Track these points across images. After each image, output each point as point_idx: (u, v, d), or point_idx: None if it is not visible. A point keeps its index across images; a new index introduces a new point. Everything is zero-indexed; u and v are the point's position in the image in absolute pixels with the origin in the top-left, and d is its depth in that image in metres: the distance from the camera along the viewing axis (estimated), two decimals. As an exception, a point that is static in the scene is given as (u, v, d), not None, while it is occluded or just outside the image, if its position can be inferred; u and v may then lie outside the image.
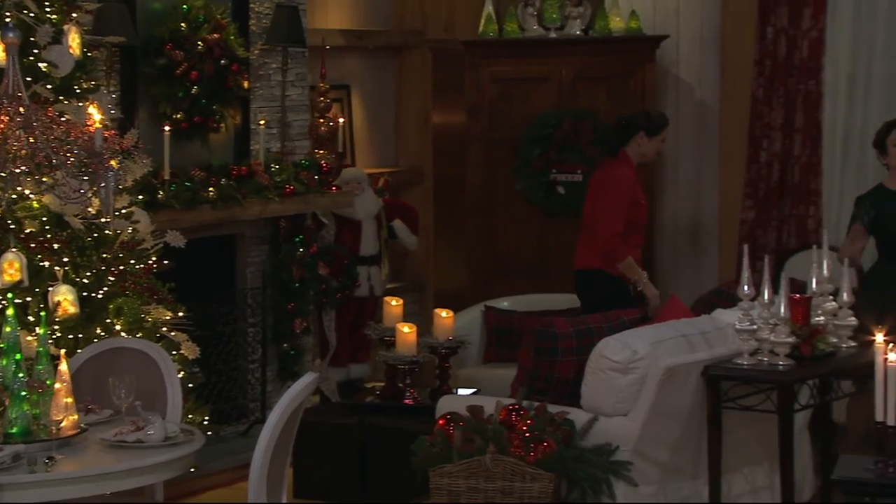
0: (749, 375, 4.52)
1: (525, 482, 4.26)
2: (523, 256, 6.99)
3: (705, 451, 4.59)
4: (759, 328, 4.54)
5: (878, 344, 3.14)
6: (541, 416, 4.43)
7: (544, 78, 6.94)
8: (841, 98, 6.66)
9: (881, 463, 3.08)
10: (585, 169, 6.82)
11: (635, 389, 4.49)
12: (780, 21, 6.69)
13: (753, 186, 6.80)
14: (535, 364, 4.75)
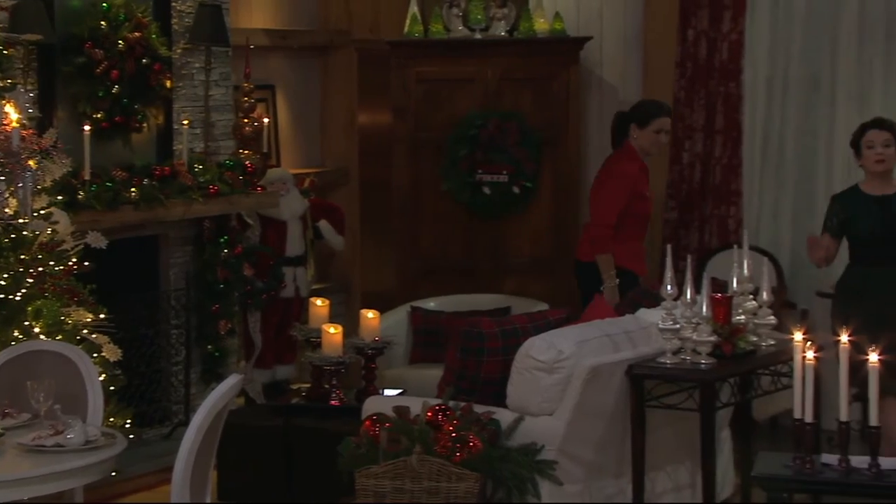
0: (672, 374, 4.56)
1: (451, 482, 4.27)
2: (450, 257, 7.00)
3: (629, 450, 4.63)
4: (682, 327, 4.59)
5: (796, 342, 3.19)
6: (467, 416, 4.44)
7: (470, 79, 6.95)
8: (760, 100, 6.76)
9: (799, 459, 3.13)
10: (511, 169, 6.85)
11: (560, 389, 4.52)
12: (700, 24, 6.78)
13: (676, 187, 6.87)
14: (462, 364, 4.76)
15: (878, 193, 5.05)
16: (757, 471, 3.21)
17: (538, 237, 6.96)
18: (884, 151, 5.00)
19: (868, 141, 5.07)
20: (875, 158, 5.01)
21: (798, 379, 3.15)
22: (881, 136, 5.04)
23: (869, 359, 3.11)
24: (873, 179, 5.07)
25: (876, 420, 3.14)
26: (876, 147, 5.01)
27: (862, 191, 5.11)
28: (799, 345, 3.18)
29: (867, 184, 5.12)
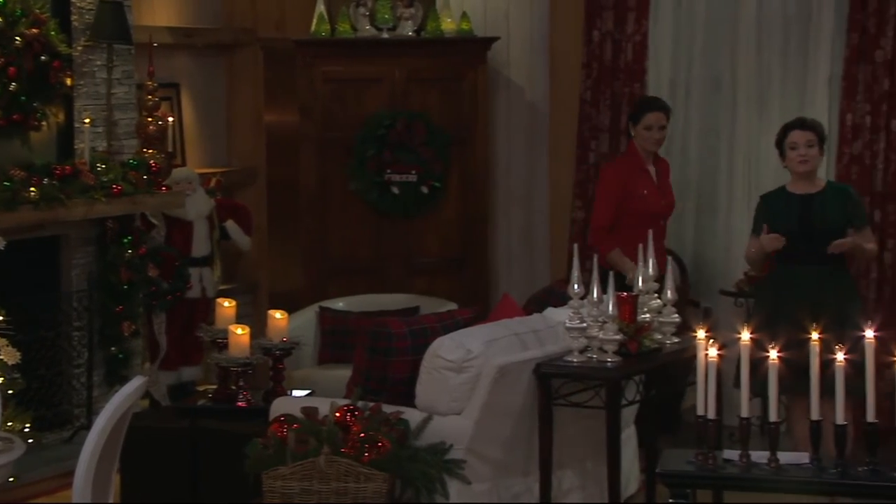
0: (578, 372, 4.60)
1: (359, 483, 4.26)
2: (358, 257, 6.97)
3: (537, 448, 4.66)
4: (589, 326, 4.63)
5: (699, 340, 3.24)
6: (375, 416, 4.43)
7: (377, 78, 6.94)
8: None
9: (701, 455, 3.18)
10: (419, 169, 6.85)
11: (469, 388, 4.54)
12: (605, 25, 6.85)
13: (582, 187, 6.93)
14: (370, 364, 4.75)
15: (802, 192, 5.02)
16: (661, 467, 3.25)
17: (447, 237, 6.96)
18: (807, 152, 4.98)
19: (791, 142, 5.03)
20: (798, 159, 4.98)
21: (701, 376, 3.20)
22: (804, 137, 5.02)
23: (769, 356, 3.17)
24: (798, 179, 5.04)
25: (775, 416, 3.20)
26: (799, 148, 4.99)
27: (788, 191, 5.09)
28: (702, 342, 3.23)
29: (792, 184, 5.09)
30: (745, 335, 3.22)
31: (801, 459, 3.18)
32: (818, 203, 4.97)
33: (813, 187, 5.03)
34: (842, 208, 4.96)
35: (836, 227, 4.92)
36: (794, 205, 4.99)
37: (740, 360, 3.49)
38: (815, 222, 4.94)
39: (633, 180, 5.64)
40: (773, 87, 6.59)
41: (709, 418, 3.18)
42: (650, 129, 5.64)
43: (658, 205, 5.71)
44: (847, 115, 6.31)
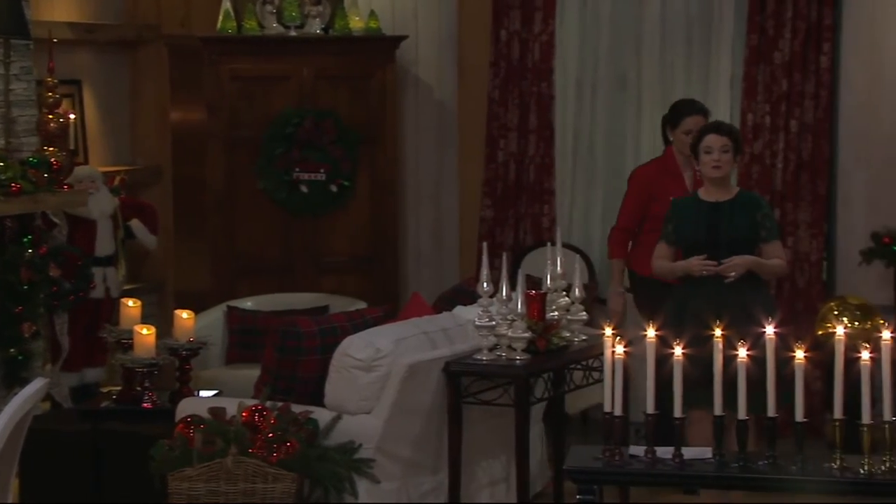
0: (487, 370, 4.63)
1: (267, 483, 4.23)
2: (267, 256, 6.90)
3: (446, 446, 4.67)
4: (498, 324, 4.66)
5: (606, 337, 3.28)
6: (284, 416, 4.41)
7: (285, 76, 6.88)
8: (570, 100, 6.91)
9: (608, 452, 3.21)
10: (328, 168, 6.81)
11: (378, 387, 4.53)
12: (512, 24, 6.89)
13: (491, 185, 6.96)
14: (279, 364, 4.72)
15: (713, 199, 4.83)
16: (568, 464, 3.28)
17: (356, 235, 6.93)
18: (721, 157, 4.78)
19: (706, 146, 4.82)
20: (712, 164, 4.78)
21: (608, 373, 3.24)
22: (719, 142, 4.81)
23: (674, 353, 3.22)
24: (710, 185, 4.85)
25: (679, 412, 3.25)
26: (713, 153, 4.79)
27: (699, 196, 4.91)
28: (609, 340, 3.27)
29: (705, 190, 4.90)
30: (650, 332, 3.26)
31: (704, 454, 3.24)
32: (727, 212, 4.80)
33: (724, 195, 4.85)
34: (751, 219, 4.79)
35: (743, 238, 4.76)
36: (703, 212, 4.82)
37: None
38: (722, 232, 4.76)
39: (661, 184, 5.39)
40: (677, 87, 6.69)
41: (615, 415, 3.22)
42: (690, 133, 5.23)
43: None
44: (748, 114, 6.43)
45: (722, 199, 4.83)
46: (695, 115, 5.40)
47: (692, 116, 5.39)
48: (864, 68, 6.35)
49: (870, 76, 6.35)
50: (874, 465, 3.09)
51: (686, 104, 5.64)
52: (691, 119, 5.37)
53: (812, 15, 6.36)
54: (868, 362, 3.12)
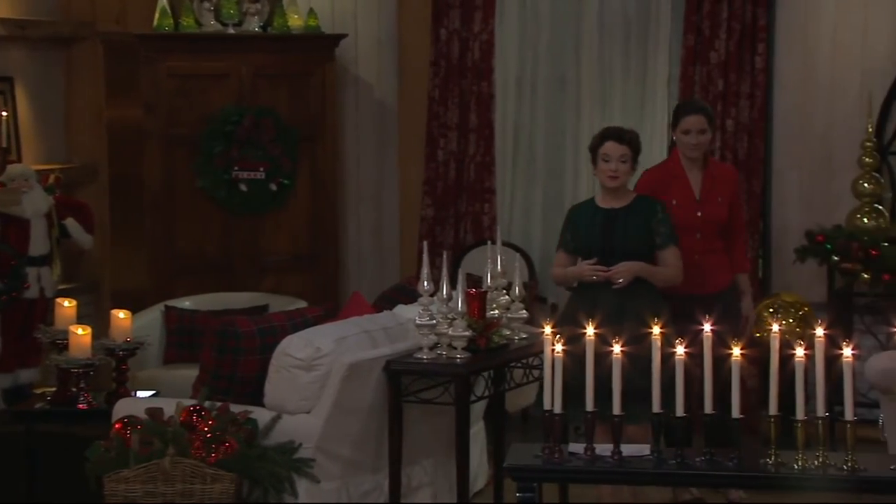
0: (428, 369, 4.62)
1: (206, 483, 4.20)
2: (206, 255, 6.84)
3: (387, 445, 4.66)
4: (438, 323, 4.65)
5: (546, 335, 3.29)
6: (223, 416, 4.38)
7: (224, 74, 6.83)
8: (510, 99, 6.95)
9: (547, 449, 3.22)
10: (268, 166, 6.77)
11: (318, 386, 4.51)
12: (452, 23, 6.90)
13: (432, 184, 6.97)
14: (218, 363, 4.68)
15: (608, 206, 4.77)
16: (508, 462, 3.29)
17: (296, 234, 6.90)
18: (619, 167, 4.71)
19: (605, 153, 4.74)
20: (609, 173, 4.71)
21: (547, 371, 3.25)
22: (618, 150, 4.73)
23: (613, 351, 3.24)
24: (607, 193, 4.78)
25: (618, 410, 3.27)
26: (612, 161, 4.71)
27: (595, 203, 4.83)
28: (548, 338, 3.28)
29: (601, 196, 4.82)
30: (589, 330, 3.28)
31: (642, 451, 3.26)
32: (621, 219, 4.73)
33: (620, 201, 4.77)
34: (645, 225, 4.72)
35: (637, 245, 4.69)
36: (598, 219, 4.75)
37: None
38: (617, 239, 4.70)
39: (663, 188, 5.06)
40: (616, 86, 6.75)
41: (555, 413, 3.23)
42: (688, 133, 5.05)
43: (688, 216, 5.03)
44: (685, 114, 6.49)
45: (617, 205, 4.75)
46: (693, 114, 5.11)
47: (690, 116, 5.10)
48: (797, 69, 6.45)
49: (803, 77, 6.45)
50: (807, 460, 3.13)
51: (686, 103, 5.48)
52: (689, 118, 5.08)
53: (747, 16, 6.44)
54: (802, 359, 3.16)
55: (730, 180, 5.16)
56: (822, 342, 3.21)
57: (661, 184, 5.07)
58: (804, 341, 3.22)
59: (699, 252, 4.97)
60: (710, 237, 5.05)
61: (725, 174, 5.19)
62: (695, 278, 4.71)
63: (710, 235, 5.05)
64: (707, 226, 5.03)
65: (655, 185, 5.05)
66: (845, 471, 3.12)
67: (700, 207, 5.04)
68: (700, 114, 5.08)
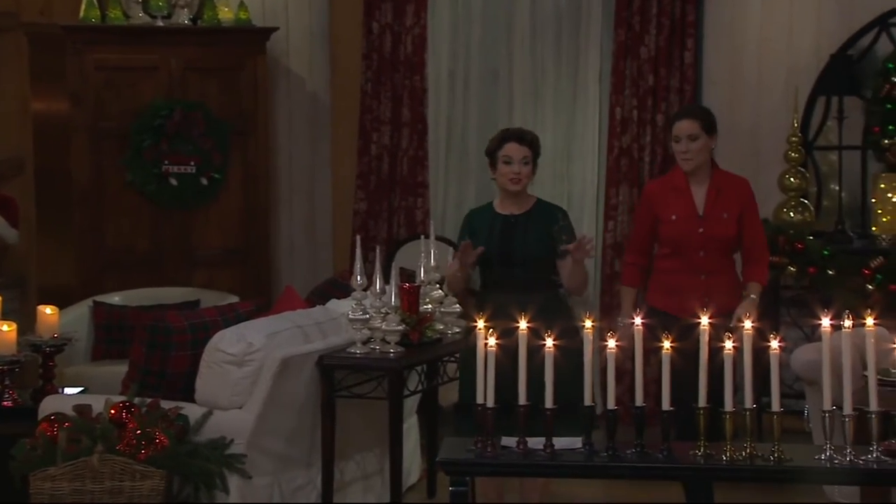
0: (361, 363, 4.61)
1: (135, 481, 4.16)
2: (135, 250, 6.77)
3: (320, 440, 4.65)
4: (372, 317, 4.65)
5: (478, 329, 3.30)
6: (153, 412, 4.33)
7: (153, 67, 6.75)
8: (443, 93, 6.95)
9: (480, 443, 3.23)
10: (198, 160, 6.71)
11: (250, 382, 4.49)
12: (384, 17, 6.88)
13: (365, 178, 6.95)
14: (148, 359, 4.65)
15: (507, 212, 4.45)
16: (441, 456, 3.29)
17: (228, 229, 6.84)
18: (521, 170, 4.40)
19: (505, 156, 4.42)
20: (511, 176, 4.40)
21: (481, 365, 3.26)
22: (520, 152, 4.42)
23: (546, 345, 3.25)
24: (506, 197, 4.46)
25: (551, 403, 3.29)
26: (513, 163, 4.40)
27: (494, 209, 4.49)
28: (482, 332, 3.29)
29: (500, 201, 4.50)
30: (522, 324, 3.29)
31: (574, 444, 3.28)
32: (521, 226, 4.43)
33: (519, 207, 4.46)
34: (546, 233, 4.42)
35: (537, 253, 4.40)
36: (496, 226, 4.43)
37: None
38: (516, 247, 4.40)
39: (662, 202, 4.62)
40: (548, 81, 6.78)
41: (488, 406, 3.24)
42: (678, 140, 4.57)
43: (689, 232, 4.57)
44: (616, 109, 6.55)
45: (517, 211, 4.45)
46: (683, 118, 4.60)
47: (681, 121, 4.60)
48: (725, 65, 6.53)
49: (731, 73, 6.53)
50: (735, 451, 3.17)
51: (681, 108, 5.07)
52: (679, 124, 4.58)
53: (676, 12, 6.50)
54: (731, 352, 3.20)
55: (740, 193, 4.63)
56: (749, 335, 3.25)
57: (658, 197, 4.63)
58: (732, 334, 3.25)
59: (705, 272, 4.54)
60: (716, 256, 4.58)
61: (734, 186, 4.64)
62: (700, 301, 4.06)
63: (716, 254, 4.58)
64: (711, 243, 4.57)
65: (652, 199, 4.64)
66: (772, 461, 3.16)
67: (703, 223, 4.57)
68: (689, 118, 4.58)
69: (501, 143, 4.45)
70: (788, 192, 6.25)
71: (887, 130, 6.10)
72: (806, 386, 4.77)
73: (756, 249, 4.65)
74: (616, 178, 6.53)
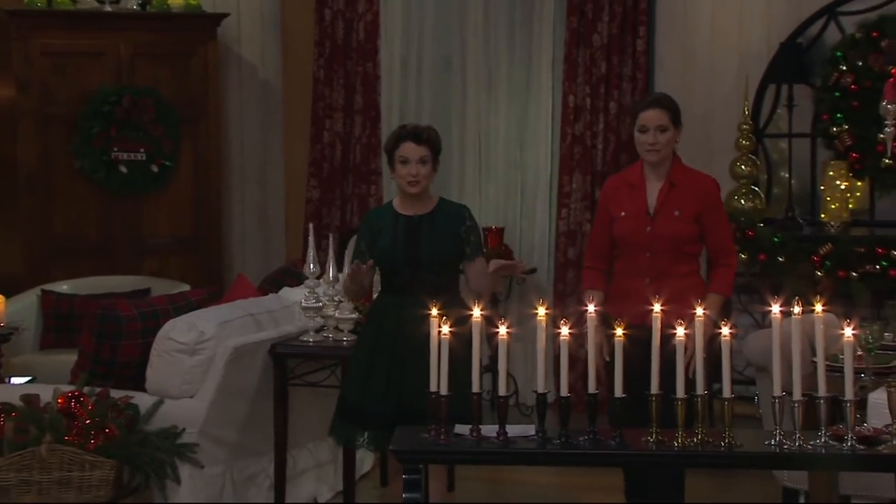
0: (314, 352, 4.59)
1: (84, 471, 4.12)
2: (85, 237, 6.70)
3: (272, 429, 4.63)
4: (325, 305, 4.63)
5: (432, 317, 3.30)
6: (103, 401, 4.29)
7: (101, 52, 6.66)
8: (396, 80, 6.92)
9: (434, 431, 3.23)
10: (149, 147, 6.65)
11: (202, 370, 4.47)
12: (336, 4, 6.85)
13: (317, 166, 6.92)
14: (98, 348, 4.61)
15: (410, 213, 4.16)
16: (394, 444, 3.28)
17: (179, 216, 6.79)
18: (419, 170, 4.12)
19: (402, 156, 4.14)
20: (408, 178, 4.11)
21: (434, 353, 3.25)
22: (417, 152, 4.12)
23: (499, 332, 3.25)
24: (407, 198, 4.17)
25: (504, 390, 3.29)
26: (410, 164, 4.11)
27: (395, 210, 4.18)
28: (434, 320, 3.28)
29: (401, 202, 4.19)
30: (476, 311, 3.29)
31: (527, 432, 3.28)
32: (426, 227, 4.14)
33: (423, 208, 4.16)
34: (453, 234, 4.14)
35: (445, 255, 4.11)
36: (400, 228, 4.14)
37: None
38: (423, 249, 4.10)
39: (615, 198, 4.28)
40: (501, 68, 6.78)
41: (441, 395, 3.24)
42: (644, 131, 4.20)
43: (637, 231, 4.21)
44: (569, 96, 6.56)
45: (420, 212, 4.16)
46: (650, 108, 4.23)
47: (648, 110, 4.22)
48: (677, 53, 6.56)
49: (682, 61, 6.56)
50: (687, 437, 3.19)
51: (643, 98, 4.55)
52: (645, 114, 4.22)
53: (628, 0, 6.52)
54: (683, 339, 3.22)
55: (699, 191, 4.24)
56: (701, 322, 3.27)
57: (614, 192, 4.30)
58: (684, 321, 3.27)
59: (650, 275, 4.14)
60: (665, 258, 4.16)
61: (694, 183, 4.26)
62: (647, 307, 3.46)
63: (665, 256, 4.17)
64: (659, 243, 4.17)
65: (607, 195, 4.33)
66: (723, 447, 3.17)
67: (650, 222, 4.20)
68: (658, 107, 4.22)
69: (397, 143, 4.16)
70: (739, 180, 6.29)
71: (836, 118, 6.15)
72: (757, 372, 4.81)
73: (719, 255, 4.24)
74: (569, 166, 6.54)
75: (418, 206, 4.18)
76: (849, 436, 3.14)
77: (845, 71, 6.10)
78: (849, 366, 3.16)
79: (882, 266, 5.82)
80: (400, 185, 4.19)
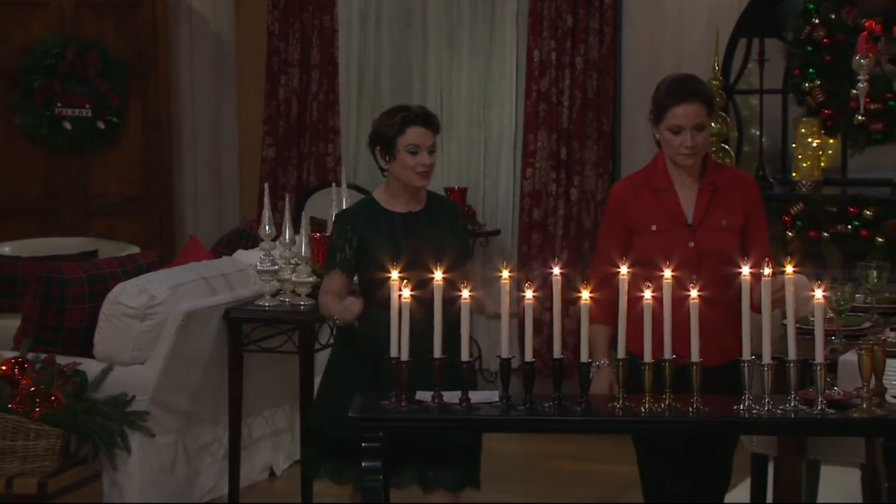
0: (270, 316, 4.53)
1: (29, 440, 4.08)
2: (27, 197, 6.56)
3: (226, 396, 4.56)
4: (281, 268, 4.55)
5: (392, 281, 3.19)
6: (48, 368, 4.23)
7: (43, 2, 6.52)
8: (354, 34, 6.78)
9: (395, 397, 3.15)
10: (94, 103, 6.53)
11: (153, 336, 4.40)
12: (292, -46, 6.68)
13: (273, 123, 6.79)
14: (42, 313, 4.52)
15: (404, 210, 3.65)
16: (354, 410, 3.18)
17: (128, 175, 6.67)
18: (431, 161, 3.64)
19: (412, 145, 3.62)
20: (419, 169, 3.62)
21: (394, 318, 3.14)
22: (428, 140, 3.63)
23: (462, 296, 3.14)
24: (404, 192, 3.66)
25: (467, 356, 3.19)
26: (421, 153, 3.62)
27: (380, 206, 3.67)
28: (395, 283, 3.16)
29: (387, 199, 3.68)
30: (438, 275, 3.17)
31: (491, 398, 3.20)
32: (426, 225, 3.66)
33: (418, 203, 3.67)
34: (453, 231, 3.70)
35: (451, 255, 3.54)
36: (398, 227, 3.63)
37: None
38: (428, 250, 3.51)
39: (638, 208, 3.48)
40: (463, 22, 6.66)
41: (402, 360, 3.13)
42: (678, 131, 3.39)
43: (679, 248, 3.39)
44: (534, 51, 6.42)
45: (416, 207, 3.67)
46: (687, 101, 3.38)
47: (683, 104, 3.37)
48: (645, 5, 6.42)
49: (651, 13, 6.42)
50: (655, 403, 3.11)
51: (675, 87, 3.43)
52: (681, 108, 3.37)
53: (595, -50, 6.37)
54: (651, 301, 3.12)
55: (746, 195, 3.51)
56: (669, 284, 3.16)
57: (635, 202, 3.49)
58: (652, 283, 3.15)
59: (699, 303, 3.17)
60: (713, 281, 3.25)
61: (738, 186, 3.52)
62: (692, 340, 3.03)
63: (713, 278, 3.27)
64: (706, 261, 3.38)
65: (625, 204, 3.50)
66: (691, 412, 3.10)
67: (693, 236, 3.44)
68: (695, 101, 3.38)
69: (403, 128, 3.59)
70: (710, 138, 6.17)
71: (808, 73, 6.05)
72: (726, 335, 4.73)
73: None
74: (534, 124, 6.41)
75: (415, 200, 3.67)
76: (819, 400, 3.06)
77: (818, 24, 5.99)
78: (819, 328, 3.07)
79: (854, 226, 5.75)
80: (407, 178, 3.61)
